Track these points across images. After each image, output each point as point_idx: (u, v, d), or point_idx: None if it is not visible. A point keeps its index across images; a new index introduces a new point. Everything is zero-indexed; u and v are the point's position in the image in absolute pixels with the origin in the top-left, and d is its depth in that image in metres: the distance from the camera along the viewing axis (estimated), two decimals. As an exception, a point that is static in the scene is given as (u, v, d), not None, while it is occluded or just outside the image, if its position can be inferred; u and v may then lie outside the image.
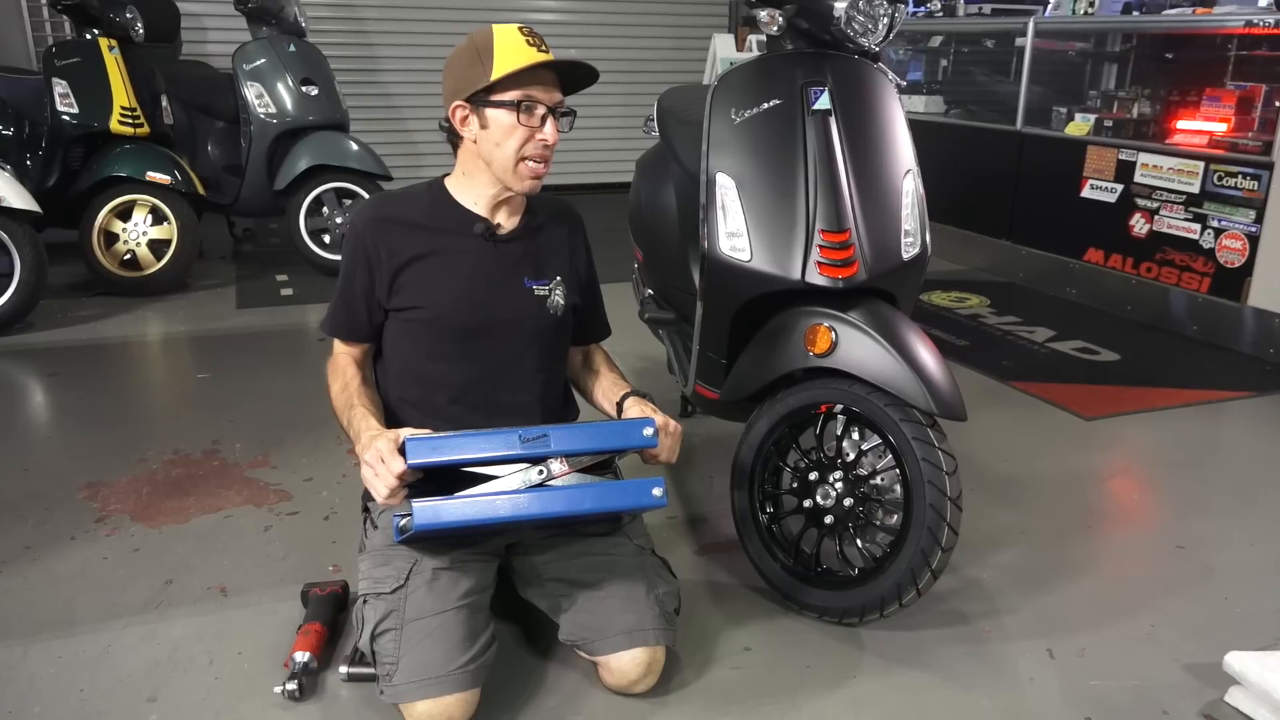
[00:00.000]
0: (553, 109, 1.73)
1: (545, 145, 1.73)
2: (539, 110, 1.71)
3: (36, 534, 2.29)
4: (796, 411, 1.97)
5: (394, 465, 1.54)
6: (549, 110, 1.72)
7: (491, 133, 1.73)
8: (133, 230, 4.29)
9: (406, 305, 1.79)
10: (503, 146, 1.72)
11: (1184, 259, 3.96)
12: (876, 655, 1.89)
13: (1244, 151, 3.75)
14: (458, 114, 1.75)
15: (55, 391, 3.31)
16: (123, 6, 4.39)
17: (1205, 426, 3.13)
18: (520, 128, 1.70)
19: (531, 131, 1.71)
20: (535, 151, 1.73)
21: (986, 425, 3.01)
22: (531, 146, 1.72)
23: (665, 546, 2.16)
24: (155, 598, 2.04)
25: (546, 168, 1.76)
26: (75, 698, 1.73)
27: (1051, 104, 4.77)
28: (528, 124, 1.71)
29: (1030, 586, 2.14)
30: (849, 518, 1.93)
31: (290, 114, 4.62)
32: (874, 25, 1.98)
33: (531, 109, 1.70)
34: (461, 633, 1.61)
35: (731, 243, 2.01)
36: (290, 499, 2.49)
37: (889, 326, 1.87)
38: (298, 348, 3.77)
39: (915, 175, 2.07)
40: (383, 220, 1.81)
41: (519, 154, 1.73)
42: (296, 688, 1.70)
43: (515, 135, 1.71)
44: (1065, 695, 1.78)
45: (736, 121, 2.03)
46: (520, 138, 1.71)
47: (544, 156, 1.74)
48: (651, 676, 1.72)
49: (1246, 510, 2.53)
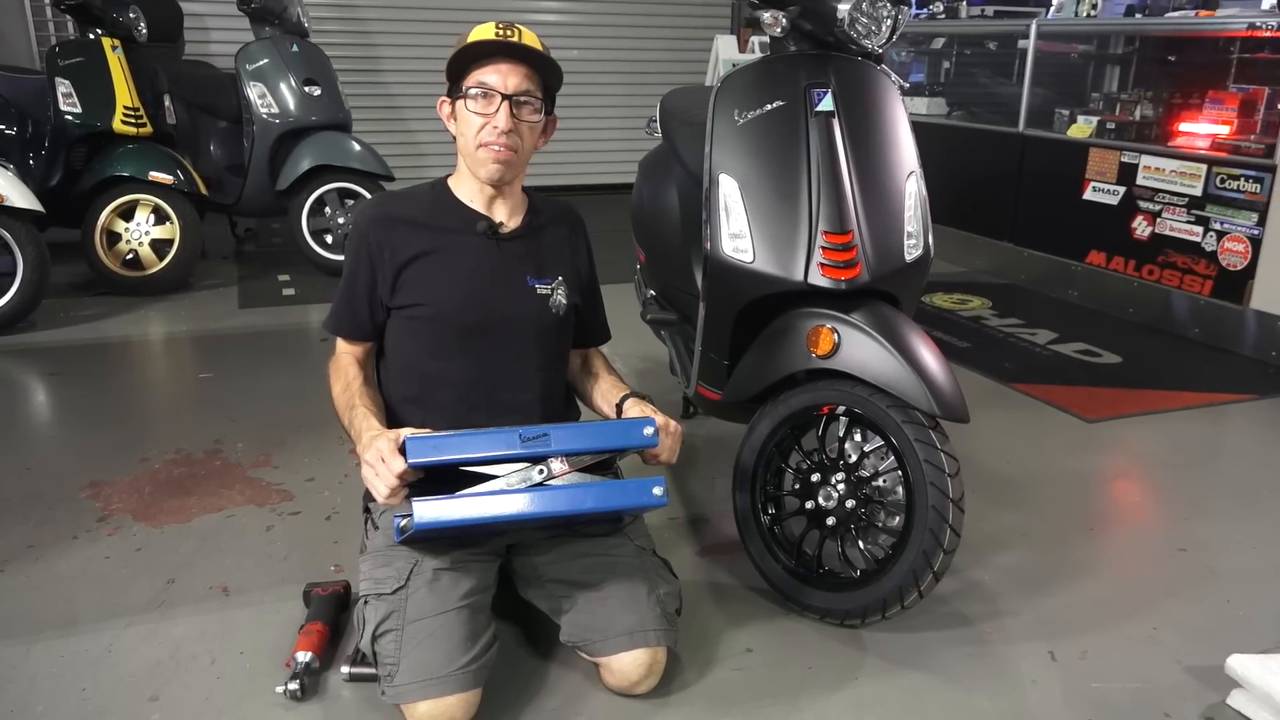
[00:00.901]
0: (510, 96, 1.72)
1: (495, 130, 1.72)
2: (495, 97, 1.72)
3: (38, 533, 2.30)
4: (799, 413, 1.97)
5: (394, 465, 1.54)
6: (505, 98, 1.72)
7: (460, 124, 1.77)
8: (135, 230, 4.29)
9: (409, 303, 1.80)
10: (465, 136, 1.76)
11: (1186, 261, 3.95)
12: (878, 657, 1.89)
13: (1246, 154, 3.75)
14: (443, 110, 1.80)
15: (57, 391, 3.31)
16: (126, 6, 4.40)
17: (1207, 429, 3.13)
18: (477, 115, 1.72)
19: (487, 118, 1.73)
20: (489, 138, 1.73)
21: (988, 427, 3.01)
22: (486, 132, 1.73)
23: (666, 547, 2.16)
24: (157, 597, 2.04)
25: (507, 154, 1.75)
26: (77, 697, 1.73)
27: (1054, 106, 4.77)
28: (483, 111, 1.72)
29: (1032, 588, 2.14)
30: (851, 519, 1.93)
31: (293, 114, 4.63)
32: (877, 27, 1.99)
33: (487, 96, 1.72)
34: (463, 633, 1.61)
35: (734, 244, 2.01)
36: (292, 499, 2.50)
37: (891, 328, 1.87)
38: (300, 348, 3.77)
39: (918, 177, 2.07)
40: (386, 219, 1.81)
41: (477, 140, 1.74)
42: (298, 687, 1.70)
43: (473, 124, 1.74)
44: (1067, 697, 1.78)
45: (739, 123, 2.03)
46: (476, 125, 1.73)
47: (501, 144, 1.74)
48: (653, 677, 1.72)
49: (1248, 513, 2.53)
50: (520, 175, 1.85)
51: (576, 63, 6.70)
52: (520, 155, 1.78)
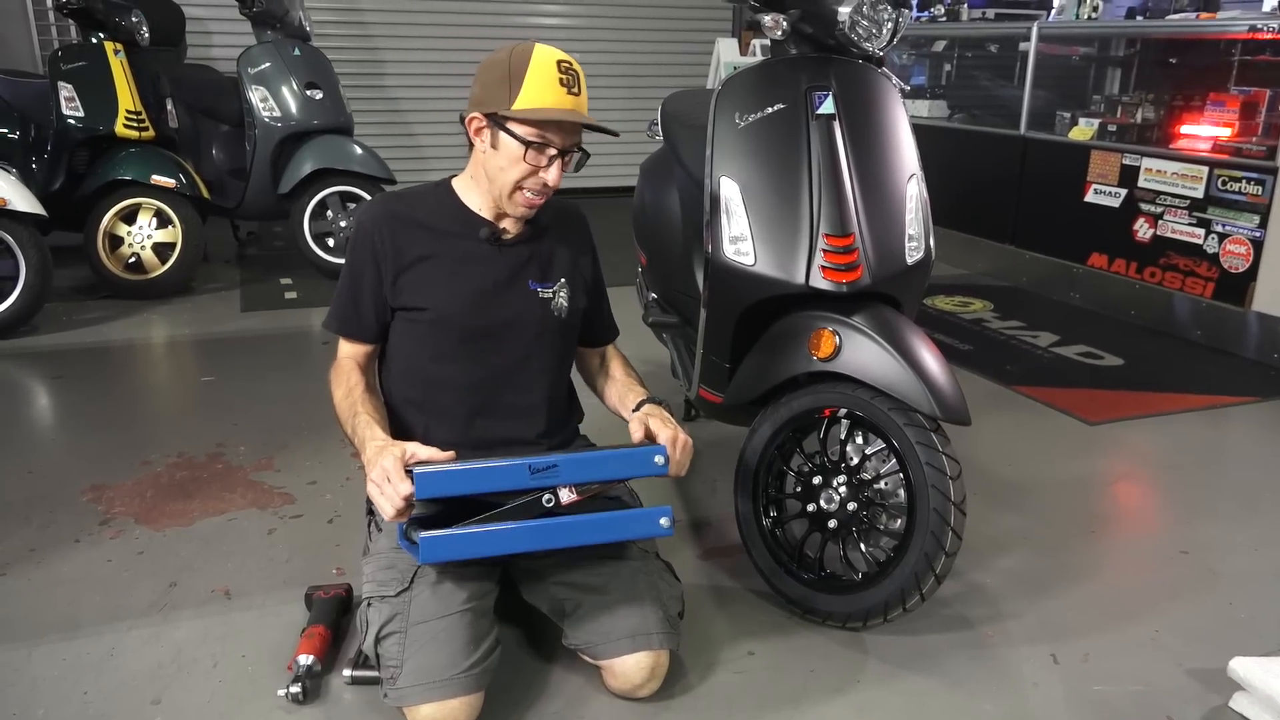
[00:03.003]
0: (564, 150, 1.72)
1: (544, 185, 1.73)
2: (550, 151, 1.70)
3: (40, 536, 2.30)
4: (800, 416, 1.97)
5: (401, 488, 1.52)
6: (559, 152, 1.71)
7: (499, 155, 1.72)
8: (137, 233, 4.30)
9: (411, 306, 1.80)
10: (506, 171, 1.72)
11: (1188, 264, 3.95)
12: (880, 660, 1.89)
13: (1248, 156, 3.75)
14: (473, 124, 1.74)
15: (60, 394, 3.31)
16: (128, 10, 4.41)
17: (1209, 431, 3.12)
18: (525, 163, 1.70)
19: (536, 169, 1.71)
20: (534, 186, 1.73)
21: (990, 430, 3.01)
22: (532, 181, 1.72)
23: (668, 550, 2.16)
24: (159, 600, 2.04)
25: (543, 200, 1.76)
26: (79, 700, 1.73)
27: (1055, 109, 4.77)
28: (534, 162, 1.70)
29: (1034, 591, 2.14)
30: (853, 522, 1.93)
31: (295, 117, 4.63)
32: (878, 30, 1.99)
33: (541, 149, 1.70)
34: (466, 636, 1.61)
35: (735, 247, 2.01)
36: (294, 502, 2.50)
37: (893, 331, 1.87)
38: (302, 351, 3.77)
39: (919, 180, 2.07)
40: (391, 217, 1.81)
41: (517, 184, 1.73)
42: (300, 691, 1.70)
43: (519, 167, 1.71)
44: (1069, 700, 1.78)
45: (740, 126, 2.03)
46: (523, 171, 1.71)
47: (542, 193, 1.74)
48: (655, 680, 1.72)
49: (1250, 515, 2.53)
50: None
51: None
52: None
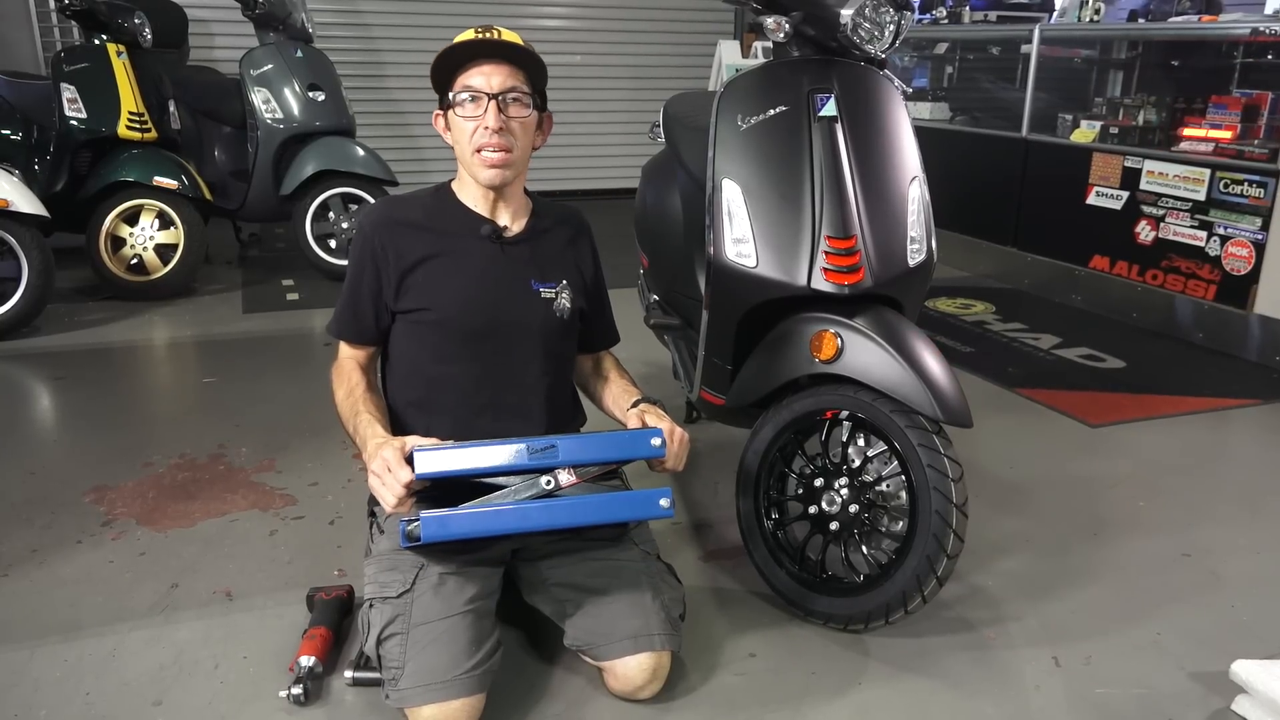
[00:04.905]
0: (496, 95, 1.71)
1: (486, 130, 1.71)
2: (482, 99, 1.71)
3: (42, 537, 2.30)
4: (802, 418, 1.97)
5: (401, 475, 1.54)
6: (492, 97, 1.71)
7: (455, 133, 1.77)
8: (139, 235, 4.31)
9: (414, 307, 1.80)
10: (460, 144, 1.76)
11: (1190, 266, 3.95)
12: (881, 662, 1.88)
13: (1250, 159, 3.75)
14: (439, 124, 1.80)
15: (61, 395, 3.32)
16: (131, 12, 4.41)
17: (1211, 434, 3.12)
18: (467, 120, 1.72)
19: (477, 121, 1.72)
20: (482, 140, 1.73)
21: (992, 432, 3.00)
22: (479, 136, 1.73)
23: (670, 552, 2.16)
24: (161, 602, 2.05)
25: (502, 156, 1.74)
26: (81, 701, 1.73)
27: (1057, 111, 4.77)
28: (472, 115, 1.72)
29: (1035, 593, 2.14)
30: (854, 524, 1.93)
31: (297, 119, 4.64)
32: (880, 32, 1.99)
33: (475, 99, 1.71)
34: (467, 638, 1.61)
35: (737, 249, 2.01)
36: (296, 503, 2.50)
37: (895, 333, 1.87)
38: (303, 352, 3.78)
39: (921, 182, 2.08)
40: (391, 222, 1.82)
41: (472, 145, 1.74)
42: (302, 692, 1.70)
43: (465, 129, 1.73)
44: (1071, 703, 1.78)
45: (742, 128, 2.03)
46: (468, 130, 1.73)
47: (494, 144, 1.73)
48: (657, 682, 1.72)
49: (1252, 518, 2.53)
50: (521, 177, 1.85)
51: (580, 68, 6.72)
52: (517, 155, 1.76)
